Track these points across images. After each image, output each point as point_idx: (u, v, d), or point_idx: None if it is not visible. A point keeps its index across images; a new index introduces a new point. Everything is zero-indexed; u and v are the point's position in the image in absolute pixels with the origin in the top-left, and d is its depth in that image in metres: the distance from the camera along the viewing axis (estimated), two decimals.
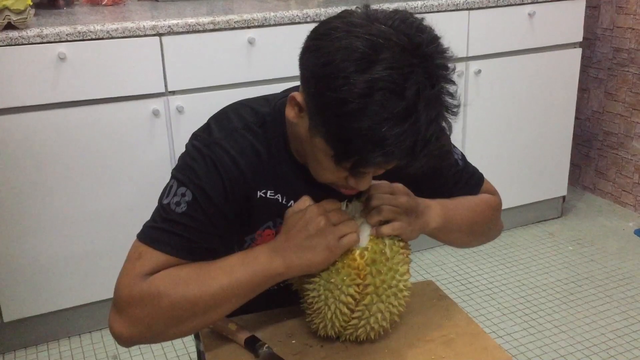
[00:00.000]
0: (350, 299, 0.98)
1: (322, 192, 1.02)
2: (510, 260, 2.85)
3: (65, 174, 2.13)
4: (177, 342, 2.28)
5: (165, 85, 2.18)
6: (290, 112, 0.96)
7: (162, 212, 0.99)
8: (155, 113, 2.18)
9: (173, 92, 2.21)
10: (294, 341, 1.13)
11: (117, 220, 2.21)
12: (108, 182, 2.19)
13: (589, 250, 2.92)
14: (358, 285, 0.98)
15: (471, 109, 2.76)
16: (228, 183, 0.99)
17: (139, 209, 1.95)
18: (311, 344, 1.12)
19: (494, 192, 1.24)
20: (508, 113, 2.87)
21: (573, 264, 2.80)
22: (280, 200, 1.08)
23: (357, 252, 0.99)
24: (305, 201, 0.99)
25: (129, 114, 2.16)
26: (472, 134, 2.81)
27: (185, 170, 1.01)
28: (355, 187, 0.98)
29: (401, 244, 1.05)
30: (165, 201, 1.00)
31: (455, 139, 2.75)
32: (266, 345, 1.08)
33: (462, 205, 1.15)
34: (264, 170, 1.04)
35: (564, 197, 3.26)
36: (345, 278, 0.97)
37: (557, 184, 3.15)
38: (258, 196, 1.05)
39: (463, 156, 1.21)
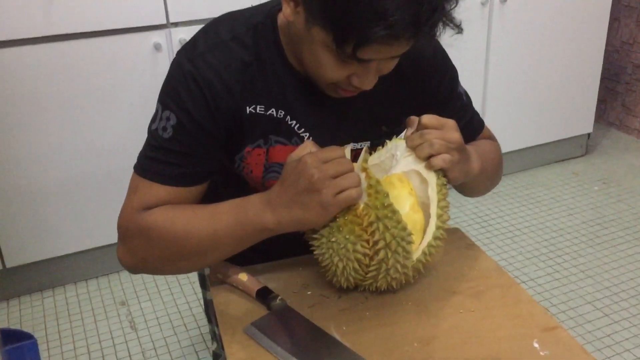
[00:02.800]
0: (359, 256, 0.91)
1: (321, 101, 1.00)
2: (532, 201, 2.76)
3: (63, 113, 2.03)
4: (188, 288, 2.24)
5: (167, 16, 2.06)
6: (286, 10, 0.91)
7: (151, 139, 0.97)
8: (157, 47, 2.06)
9: (175, 24, 2.08)
10: (309, 292, 1.05)
11: (118, 159, 2.13)
12: (108, 121, 2.09)
13: (615, 190, 2.82)
14: (366, 241, 0.90)
15: (495, 41, 2.61)
16: (212, 101, 0.95)
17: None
18: (328, 294, 1.05)
19: (494, 139, 1.22)
20: (534, 45, 2.72)
21: (599, 204, 2.70)
22: (275, 115, 1.01)
23: (362, 206, 0.89)
24: (305, 147, 0.90)
25: (128, 48, 2.04)
26: (496, 68, 2.67)
27: (168, 91, 0.97)
28: (359, 85, 0.92)
29: (444, 183, 0.97)
30: (153, 127, 0.97)
31: (478, 72, 2.63)
32: (279, 297, 1.01)
33: (485, 152, 1.10)
34: (253, 84, 0.98)
35: (588, 135, 3.15)
36: (348, 236, 0.89)
37: (582, 121, 3.03)
38: (247, 112, 0.99)
39: (467, 95, 1.17)
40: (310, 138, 1.04)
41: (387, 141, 1.02)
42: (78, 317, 2.11)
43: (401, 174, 0.98)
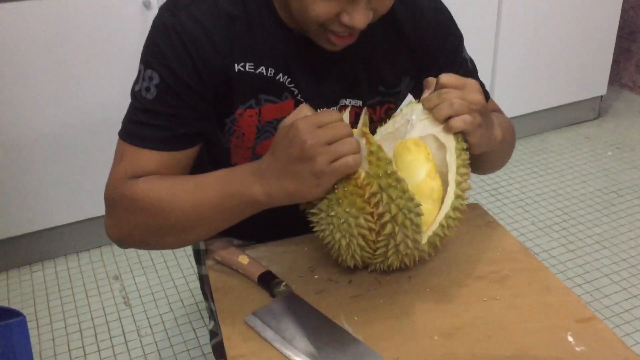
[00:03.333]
0: (364, 231, 0.84)
1: (315, 57, 0.96)
2: (543, 167, 2.67)
3: (50, 73, 1.93)
4: (184, 262, 2.16)
5: None
6: None
7: (135, 102, 0.93)
8: (146, 4, 1.95)
9: None
10: (316, 276, 0.97)
11: (108, 122, 2.02)
12: (96, 81, 1.99)
13: (630, 155, 2.73)
14: (370, 214, 0.83)
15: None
16: (198, 58, 0.89)
17: None
18: (336, 279, 0.97)
19: (502, 112, 1.15)
20: (547, 1, 2.59)
21: (613, 171, 2.61)
22: (265, 74, 0.95)
23: (363, 175, 0.81)
24: (299, 111, 0.82)
25: (117, 5, 1.93)
26: (506, 27, 2.54)
27: (150, 48, 0.91)
28: (350, 23, 0.85)
29: (464, 147, 0.88)
30: (136, 89, 0.92)
31: (488, 31, 2.50)
32: (284, 283, 0.94)
33: (500, 123, 1.03)
34: (241, 40, 0.93)
35: (601, 97, 3.04)
36: (349, 209, 0.82)
37: (595, 82, 2.92)
38: (236, 70, 0.94)
39: (473, 62, 1.11)
40: (300, 95, 0.99)
41: (403, 107, 0.94)
42: (69, 292, 2.05)
43: (417, 138, 0.89)
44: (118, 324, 1.91)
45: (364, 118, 0.83)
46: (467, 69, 1.09)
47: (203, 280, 1.29)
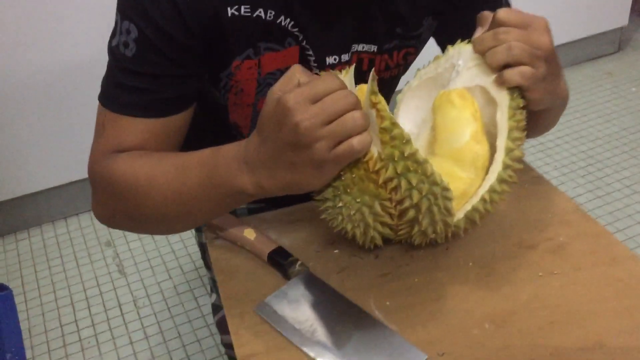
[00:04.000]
0: (382, 219, 0.72)
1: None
2: None
3: (23, 18, 1.76)
4: None
5: None
6: None
7: (113, 60, 0.83)
8: None
9: None
10: (336, 251, 0.84)
11: (93, 80, 1.86)
12: (78, 30, 1.83)
13: None
14: (388, 200, 0.70)
15: None
16: (182, 2, 0.78)
17: None
18: (361, 254, 0.84)
19: None
20: None
21: (638, 108, 2.47)
22: (264, 17, 0.83)
23: (375, 156, 0.67)
24: (290, 78, 0.66)
25: None
26: None
27: None
28: None
29: (520, 106, 0.73)
30: (113, 43, 0.82)
31: None
32: (299, 262, 0.81)
33: None
34: None
35: (621, 29, 2.86)
36: (360, 197, 0.70)
37: (616, 12, 2.75)
38: (229, 15, 0.82)
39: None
40: (306, 41, 0.87)
41: (450, 46, 0.79)
42: (58, 261, 1.94)
43: (463, 89, 0.74)
44: (113, 294, 1.82)
45: (371, 84, 0.66)
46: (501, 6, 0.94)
47: (204, 248, 1.20)
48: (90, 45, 1.84)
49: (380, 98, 0.66)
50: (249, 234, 0.85)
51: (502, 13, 0.71)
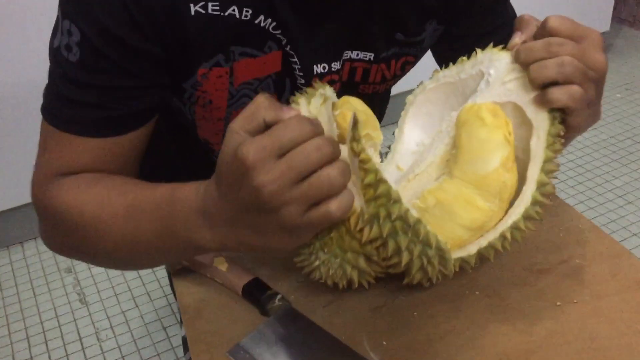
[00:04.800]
0: (369, 277, 0.66)
1: None
2: None
3: None
4: None
5: None
6: None
7: (55, 63, 0.72)
8: None
9: None
10: (322, 281, 0.73)
11: None
12: (27, 43, 1.70)
13: (639, 97, 2.54)
14: (375, 253, 0.62)
15: None
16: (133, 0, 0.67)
17: None
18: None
19: None
20: None
21: (625, 114, 2.44)
22: (238, 16, 0.72)
23: (357, 211, 0.59)
24: (254, 111, 0.54)
25: None
26: None
27: None
28: None
29: (560, 133, 0.64)
30: (55, 44, 0.71)
31: None
32: (279, 296, 0.72)
33: None
34: None
35: (602, 35, 2.83)
36: (341, 255, 0.62)
37: (598, 17, 2.73)
38: (192, 13, 0.70)
39: (513, 10, 0.92)
40: (290, 46, 0.76)
41: (479, 50, 0.69)
42: (12, 291, 1.84)
43: (495, 105, 0.64)
44: (73, 326, 1.71)
45: (352, 131, 0.56)
46: (507, 16, 0.89)
47: (171, 276, 1.07)
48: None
49: (363, 146, 0.56)
50: (220, 263, 0.76)
51: (554, 20, 0.62)
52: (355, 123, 0.55)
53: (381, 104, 1.00)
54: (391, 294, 0.72)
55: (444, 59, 0.88)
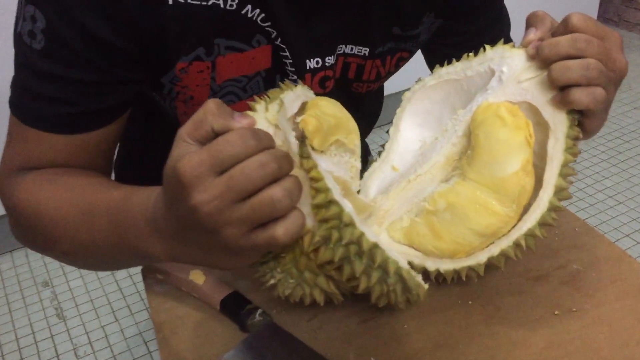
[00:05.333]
0: (334, 296, 0.61)
1: None
2: None
3: None
4: None
5: None
6: None
7: (19, 52, 0.68)
8: None
9: None
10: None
11: None
12: None
13: (629, 96, 2.55)
14: (335, 273, 0.58)
15: None
16: None
17: None
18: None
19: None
20: None
21: (613, 114, 2.43)
22: (223, 6, 0.68)
23: (310, 232, 0.54)
24: (202, 120, 0.50)
25: None
26: None
27: None
28: None
29: (578, 137, 0.61)
30: (17, 29, 0.67)
31: None
32: (259, 311, 0.68)
33: None
34: None
35: None
36: (297, 274, 0.58)
37: None
38: (170, 2, 0.66)
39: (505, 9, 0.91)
40: (281, 39, 0.72)
41: (488, 47, 0.66)
42: None
43: (514, 105, 0.61)
44: (50, 342, 1.67)
45: (301, 148, 0.53)
46: (501, 13, 0.88)
47: (146, 292, 1.03)
48: None
49: (314, 162, 0.51)
50: (197, 277, 0.73)
51: (578, 18, 0.59)
52: (303, 138, 0.51)
53: (375, 103, 0.98)
54: (379, 307, 0.68)
55: (435, 57, 0.86)
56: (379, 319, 0.66)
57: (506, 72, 0.63)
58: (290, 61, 0.74)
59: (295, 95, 0.58)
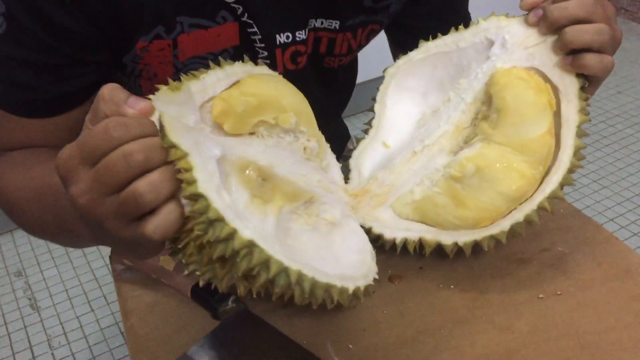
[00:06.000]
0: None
1: None
2: None
3: None
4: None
5: None
6: None
7: None
8: None
9: None
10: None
11: None
12: None
13: (613, 80, 2.54)
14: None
15: None
16: None
17: None
18: None
19: None
20: None
21: (598, 98, 2.42)
22: None
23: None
24: (96, 106, 0.48)
25: None
26: None
27: None
28: None
29: (588, 98, 0.63)
30: None
31: None
32: (233, 297, 0.66)
33: None
34: None
35: None
36: (201, 263, 0.53)
37: None
38: None
39: None
40: (248, 14, 0.71)
41: (480, 19, 0.67)
42: None
43: (526, 69, 0.63)
44: (23, 334, 1.64)
45: (162, 137, 0.47)
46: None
47: (114, 280, 1.03)
48: None
49: (183, 152, 0.46)
50: (167, 262, 0.70)
51: None
52: (161, 127, 0.46)
53: (349, 76, 0.96)
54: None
55: (404, 34, 0.86)
56: (357, 304, 0.64)
57: (509, 39, 0.64)
58: (259, 37, 0.72)
59: (225, 74, 0.56)
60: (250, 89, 0.56)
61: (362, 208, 0.64)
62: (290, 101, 0.59)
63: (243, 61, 0.59)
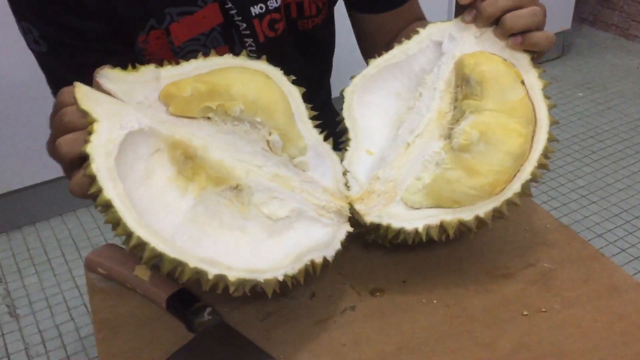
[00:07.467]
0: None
1: None
2: None
3: None
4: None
5: None
6: None
7: (38, 61, 0.82)
8: None
9: None
10: (259, 289, 0.65)
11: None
12: None
13: (602, 95, 2.53)
14: None
15: None
16: None
17: None
18: (293, 294, 0.67)
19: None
20: None
21: (587, 114, 2.40)
22: None
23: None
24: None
25: None
26: None
27: None
28: None
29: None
30: (27, 43, 0.80)
31: None
32: (209, 309, 0.64)
33: None
34: None
35: (564, 33, 2.82)
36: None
37: (559, 15, 2.71)
38: None
39: None
40: None
41: (419, 29, 0.73)
42: None
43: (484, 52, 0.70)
44: (0, 342, 1.59)
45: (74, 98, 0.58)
46: None
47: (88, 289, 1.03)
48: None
49: (92, 118, 0.56)
50: (142, 272, 0.68)
51: None
52: (74, 97, 0.56)
53: (326, 35, 0.98)
54: (338, 306, 0.64)
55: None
56: (337, 319, 0.62)
57: (456, 34, 0.70)
58: (236, 11, 0.80)
59: (205, 64, 0.62)
60: (206, 77, 0.61)
61: (375, 208, 0.63)
62: (241, 91, 0.61)
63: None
